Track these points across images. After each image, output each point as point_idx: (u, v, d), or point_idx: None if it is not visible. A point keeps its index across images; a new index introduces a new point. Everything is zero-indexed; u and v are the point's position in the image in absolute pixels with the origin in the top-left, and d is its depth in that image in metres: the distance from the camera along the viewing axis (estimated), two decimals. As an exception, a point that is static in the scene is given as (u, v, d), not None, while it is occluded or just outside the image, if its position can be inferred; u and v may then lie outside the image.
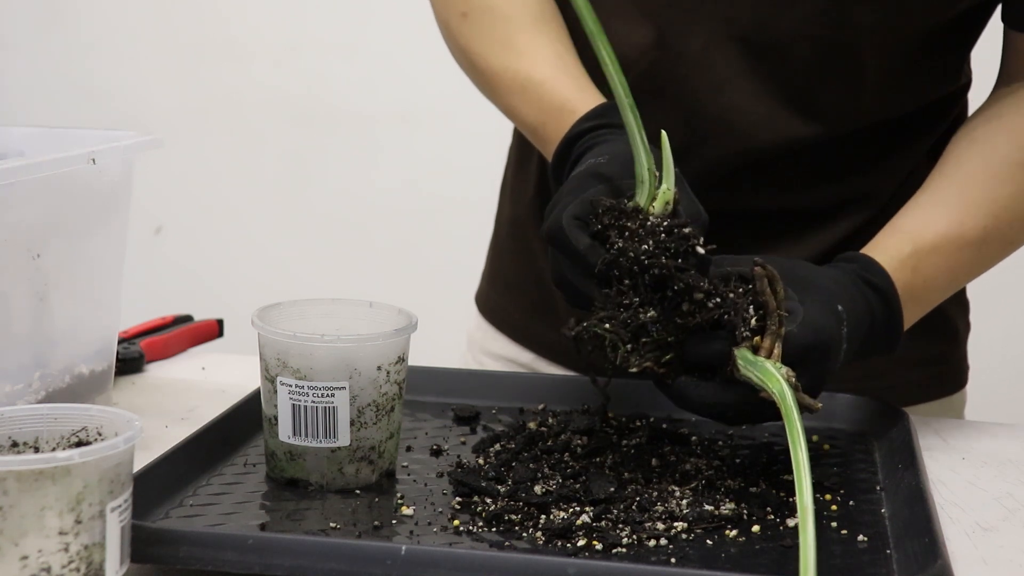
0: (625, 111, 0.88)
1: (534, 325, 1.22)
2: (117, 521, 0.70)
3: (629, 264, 0.84)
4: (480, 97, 1.15)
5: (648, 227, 0.85)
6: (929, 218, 1.00)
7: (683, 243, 0.85)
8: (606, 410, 1.01)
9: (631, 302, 0.85)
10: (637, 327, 0.85)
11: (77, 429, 0.75)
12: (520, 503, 0.84)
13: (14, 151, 1.04)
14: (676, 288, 0.84)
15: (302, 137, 2.60)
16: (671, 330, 0.85)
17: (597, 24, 0.88)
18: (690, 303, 0.84)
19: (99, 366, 1.01)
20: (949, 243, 0.99)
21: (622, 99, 0.88)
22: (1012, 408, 2.17)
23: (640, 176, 0.87)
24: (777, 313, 0.84)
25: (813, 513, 0.70)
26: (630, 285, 0.85)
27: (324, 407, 0.87)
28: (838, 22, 1.02)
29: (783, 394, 0.79)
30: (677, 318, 0.84)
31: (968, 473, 0.96)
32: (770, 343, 0.83)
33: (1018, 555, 0.83)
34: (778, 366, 0.82)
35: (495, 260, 1.28)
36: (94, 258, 1.00)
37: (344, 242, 2.60)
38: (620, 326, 0.85)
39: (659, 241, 0.85)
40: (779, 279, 0.85)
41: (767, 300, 0.84)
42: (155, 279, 2.44)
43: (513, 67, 1.07)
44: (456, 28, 1.12)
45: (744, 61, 1.04)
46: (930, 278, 0.99)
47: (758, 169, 1.08)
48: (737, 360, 0.83)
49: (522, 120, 1.08)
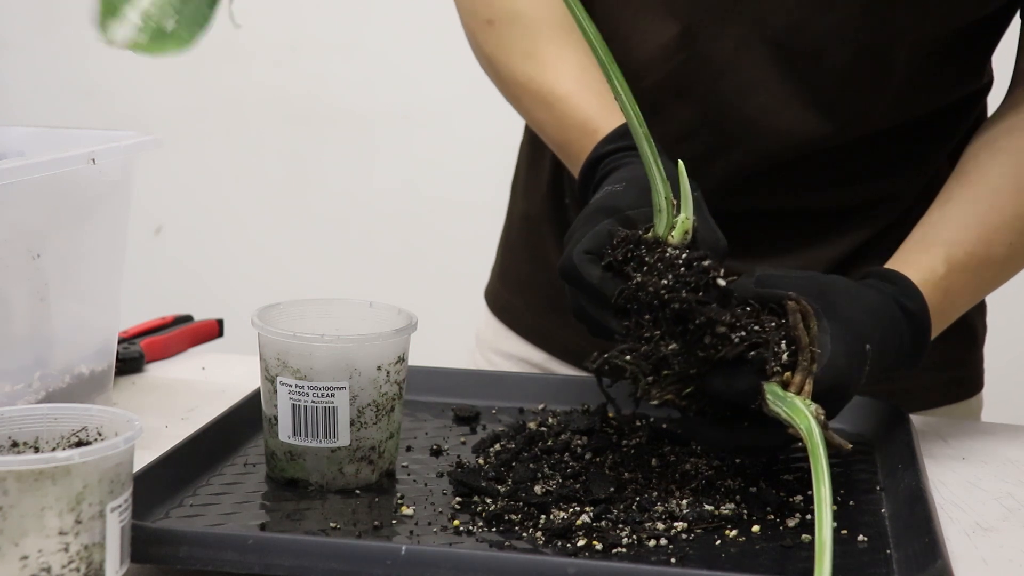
0: (640, 140, 0.86)
1: (546, 324, 1.21)
2: (117, 521, 0.70)
3: (649, 299, 0.83)
4: (480, 97, 1.15)
5: (667, 259, 0.84)
6: (960, 234, 0.99)
7: (703, 276, 0.84)
8: (606, 411, 1.01)
9: (652, 335, 0.84)
10: (658, 360, 0.84)
11: (77, 429, 0.75)
12: (520, 503, 0.84)
13: (14, 151, 1.04)
14: (697, 322, 0.82)
15: (302, 137, 2.60)
16: (693, 363, 0.84)
17: (609, 56, 0.85)
18: (712, 336, 0.83)
19: (99, 366, 1.01)
20: (978, 262, 0.98)
21: (636, 129, 0.86)
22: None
23: (658, 205, 0.86)
24: (809, 350, 0.82)
25: (831, 550, 0.69)
26: (650, 319, 0.84)
27: (324, 407, 0.87)
28: (876, 24, 1.01)
29: (811, 431, 0.78)
30: (699, 351, 0.83)
31: (968, 473, 0.96)
32: (800, 379, 0.82)
33: (1018, 555, 0.83)
34: (807, 403, 0.80)
35: (506, 257, 1.27)
36: (94, 258, 1.00)
37: (344, 242, 2.60)
38: (641, 358, 0.84)
39: (678, 275, 0.84)
40: (812, 315, 0.84)
41: (799, 336, 0.83)
42: (155, 279, 2.44)
43: (537, 79, 1.06)
44: (482, 36, 1.11)
45: (775, 64, 1.03)
46: (958, 297, 0.98)
47: (783, 171, 1.07)
48: (766, 395, 0.82)
49: (547, 136, 1.07)
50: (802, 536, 0.82)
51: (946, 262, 0.97)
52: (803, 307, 0.84)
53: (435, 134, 2.52)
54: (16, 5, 2.71)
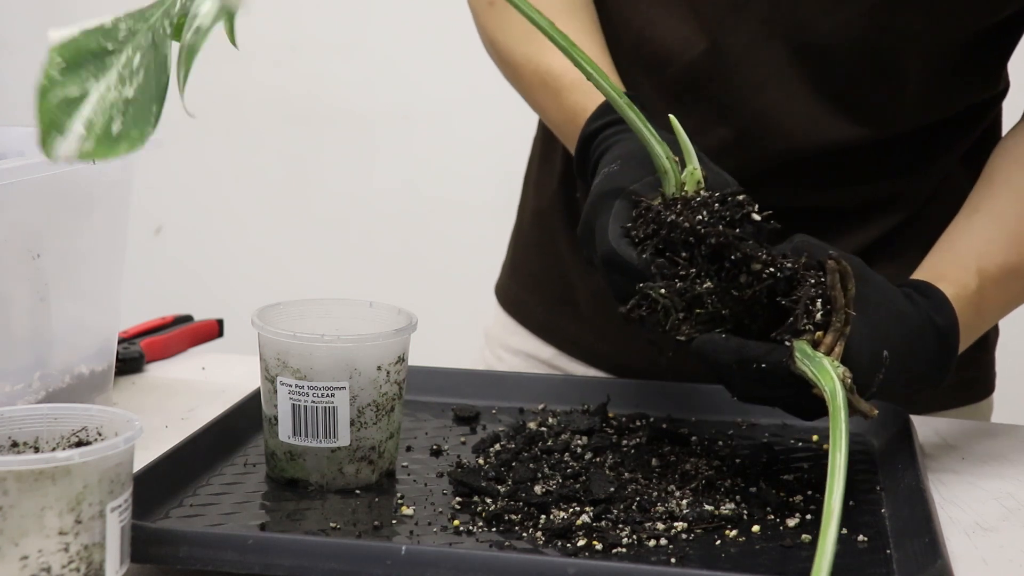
0: (623, 109, 0.86)
1: (556, 319, 1.21)
2: (117, 521, 0.70)
3: (685, 236, 0.82)
4: (480, 97, 1.15)
5: (699, 201, 0.83)
6: (992, 248, 0.98)
7: (738, 210, 0.83)
8: (606, 411, 1.02)
9: (688, 273, 0.82)
10: (692, 297, 0.82)
11: (77, 429, 0.75)
12: (520, 503, 0.84)
13: (14, 151, 1.04)
14: (734, 258, 0.81)
15: (302, 137, 2.60)
16: (727, 302, 0.83)
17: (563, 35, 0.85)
18: (748, 274, 0.81)
19: (99, 366, 1.01)
20: (1009, 276, 0.98)
21: (617, 101, 0.86)
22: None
23: (662, 168, 0.86)
24: (844, 311, 0.81)
25: (839, 520, 0.68)
26: (687, 257, 0.83)
27: (324, 407, 0.87)
28: (883, 26, 1.01)
29: (834, 393, 0.76)
30: (734, 290, 0.82)
31: (968, 473, 0.96)
32: (832, 340, 0.80)
33: (1018, 555, 0.83)
34: (836, 364, 0.79)
35: (517, 252, 1.27)
36: (94, 258, 1.00)
37: (344, 242, 2.60)
38: (675, 294, 0.82)
39: (713, 211, 0.83)
40: (851, 276, 0.82)
41: (836, 296, 0.81)
42: (155, 279, 2.44)
43: (535, 59, 1.06)
44: (483, 16, 1.12)
45: (787, 61, 1.03)
46: (988, 312, 0.98)
47: (794, 169, 1.07)
48: (795, 352, 0.80)
49: (547, 118, 1.08)
50: (802, 536, 0.82)
51: (978, 275, 0.96)
52: (843, 267, 0.82)
53: (435, 134, 2.52)
54: (16, 5, 2.71)
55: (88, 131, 0.65)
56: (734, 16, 1.03)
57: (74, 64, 0.67)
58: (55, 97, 0.65)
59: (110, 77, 0.67)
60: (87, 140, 0.65)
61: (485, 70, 1.21)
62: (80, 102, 0.66)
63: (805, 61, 1.03)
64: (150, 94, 0.69)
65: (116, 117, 0.66)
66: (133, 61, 0.69)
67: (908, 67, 1.03)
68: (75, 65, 0.67)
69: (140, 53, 0.69)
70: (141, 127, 0.68)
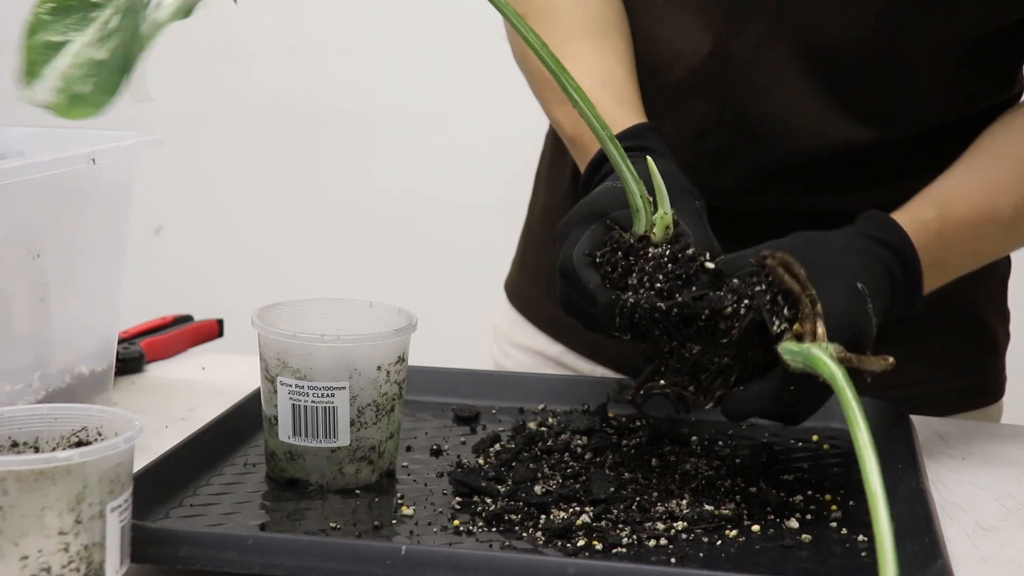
0: (606, 144, 0.86)
1: (565, 316, 1.21)
2: (117, 521, 0.70)
3: (650, 315, 0.83)
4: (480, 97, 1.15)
5: (653, 261, 0.85)
6: (959, 190, 0.98)
7: (691, 265, 0.84)
8: (606, 411, 1.01)
9: (671, 348, 0.84)
10: (691, 366, 0.84)
11: (77, 429, 0.75)
12: (520, 503, 0.84)
13: (14, 151, 1.04)
14: (704, 317, 0.82)
15: (302, 137, 2.60)
16: (722, 352, 0.84)
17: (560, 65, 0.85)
18: (724, 320, 0.82)
19: (99, 366, 1.01)
20: (978, 215, 0.98)
21: (600, 133, 0.86)
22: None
23: (635, 206, 0.86)
24: (806, 294, 0.81)
25: (885, 499, 0.67)
26: (660, 333, 0.84)
27: (324, 407, 0.87)
28: (891, 28, 1.01)
29: (833, 376, 0.76)
30: (721, 339, 0.83)
31: (968, 473, 0.96)
32: (810, 325, 0.81)
33: (1018, 555, 0.83)
34: (824, 346, 0.79)
35: (527, 249, 1.27)
36: (94, 258, 1.00)
37: (344, 242, 2.60)
38: (674, 374, 0.84)
39: (667, 272, 0.84)
40: (795, 263, 0.83)
41: (789, 286, 0.82)
42: (155, 279, 2.44)
43: None
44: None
45: (794, 63, 1.03)
46: (953, 246, 0.97)
47: (803, 171, 1.07)
48: (783, 356, 0.80)
49: (563, 131, 1.08)
50: (802, 536, 0.82)
51: (937, 208, 0.96)
52: (779, 258, 0.83)
53: (435, 134, 2.52)
54: (16, 5, 2.70)
55: (61, 84, 0.67)
56: (741, 17, 1.03)
57: (62, 11, 0.69)
58: (39, 40, 0.68)
59: (89, 32, 0.70)
60: (60, 94, 0.67)
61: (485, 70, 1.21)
62: (60, 49, 0.68)
63: (813, 62, 1.03)
64: (118, 62, 0.70)
65: (86, 79, 0.68)
66: (110, 22, 0.70)
67: (917, 68, 1.03)
68: (63, 11, 0.69)
69: (119, 16, 0.71)
70: (106, 95, 0.69)
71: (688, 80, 1.06)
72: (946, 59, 1.03)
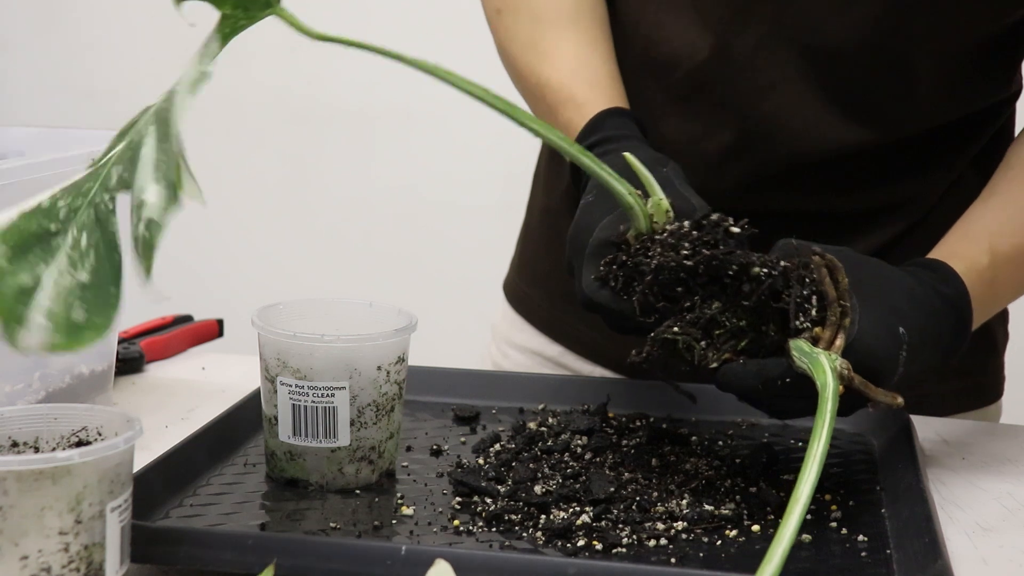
0: (576, 156, 0.84)
1: (562, 316, 1.21)
2: (117, 521, 0.70)
3: (675, 275, 0.82)
4: (479, 97, 1.15)
5: (677, 235, 0.84)
6: (1004, 226, 0.97)
7: (717, 229, 0.83)
8: (606, 411, 1.02)
9: (692, 302, 0.83)
10: (707, 321, 0.83)
11: (77, 429, 0.75)
12: (520, 503, 0.84)
13: (14, 151, 1.04)
14: (732, 272, 0.81)
15: (302, 137, 2.60)
16: (740, 315, 0.83)
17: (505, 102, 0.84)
18: (749, 281, 0.81)
19: (99, 366, 1.01)
20: (1021, 253, 0.97)
21: (566, 149, 0.83)
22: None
23: (626, 204, 0.85)
24: (839, 303, 0.81)
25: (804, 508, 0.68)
26: (684, 290, 0.83)
27: (324, 407, 0.87)
28: (891, 28, 1.00)
29: (824, 386, 0.76)
30: (743, 301, 0.82)
31: (968, 473, 0.96)
32: (831, 334, 0.80)
33: (1018, 555, 0.83)
34: (833, 358, 0.78)
35: (525, 250, 1.27)
36: (94, 258, 0.99)
37: (344, 242, 2.60)
38: (689, 325, 0.83)
39: (693, 240, 0.83)
40: (841, 269, 0.82)
41: (827, 289, 0.81)
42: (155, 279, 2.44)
43: (536, 70, 1.07)
44: (493, 24, 1.12)
45: (795, 64, 1.03)
46: (1002, 289, 0.97)
47: (804, 172, 1.07)
48: (791, 351, 0.80)
49: None
50: (802, 536, 0.82)
51: (990, 252, 0.95)
52: (828, 260, 0.82)
53: (435, 134, 2.52)
54: (16, 5, 2.71)
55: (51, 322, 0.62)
56: (741, 19, 1.03)
57: (20, 250, 0.64)
58: (9, 288, 0.62)
59: (60, 261, 0.64)
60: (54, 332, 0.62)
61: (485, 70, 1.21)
62: (35, 290, 0.62)
63: (813, 64, 1.03)
64: (105, 276, 0.66)
65: (76, 304, 0.63)
66: (80, 242, 0.66)
67: (918, 69, 1.03)
68: (21, 251, 0.64)
69: (86, 233, 0.66)
70: (105, 312, 0.65)
71: (688, 82, 1.06)
72: (946, 60, 1.03)
